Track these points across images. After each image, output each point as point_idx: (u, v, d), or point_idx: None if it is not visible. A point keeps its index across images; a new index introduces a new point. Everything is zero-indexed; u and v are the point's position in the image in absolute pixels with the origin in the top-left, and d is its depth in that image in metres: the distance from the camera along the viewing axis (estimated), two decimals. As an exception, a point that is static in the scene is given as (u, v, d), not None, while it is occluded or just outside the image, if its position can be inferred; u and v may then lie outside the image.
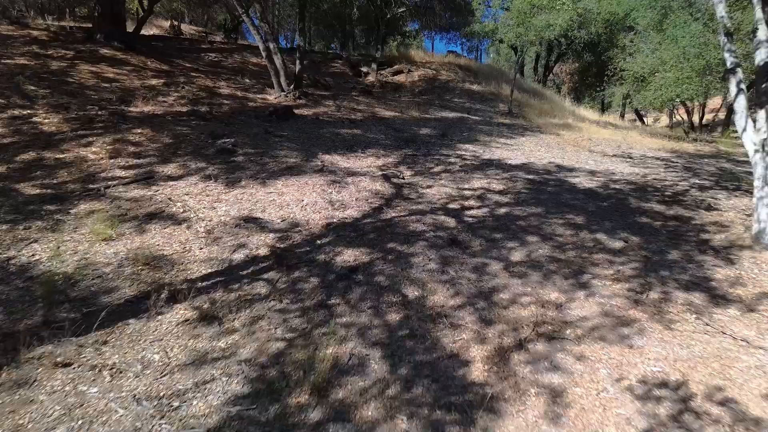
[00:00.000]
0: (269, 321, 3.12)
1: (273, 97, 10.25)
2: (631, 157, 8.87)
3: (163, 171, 5.53)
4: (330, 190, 5.34)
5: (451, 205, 5.19)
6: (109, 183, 5.11)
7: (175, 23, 18.19)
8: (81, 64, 9.97)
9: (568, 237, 4.49)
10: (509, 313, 3.26)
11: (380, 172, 6.16)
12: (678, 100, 10.96)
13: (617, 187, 6.28)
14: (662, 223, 4.89)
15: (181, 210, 4.64)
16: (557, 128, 11.35)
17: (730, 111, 16.89)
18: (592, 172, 7.09)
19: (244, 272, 3.69)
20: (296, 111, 9.27)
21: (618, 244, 4.33)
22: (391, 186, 5.69)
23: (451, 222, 4.72)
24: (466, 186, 5.89)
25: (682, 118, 17.99)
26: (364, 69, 14.71)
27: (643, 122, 24.16)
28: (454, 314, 3.24)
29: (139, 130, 6.74)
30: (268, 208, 4.80)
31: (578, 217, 4.99)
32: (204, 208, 4.72)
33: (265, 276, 3.64)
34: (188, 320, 3.13)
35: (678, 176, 7.15)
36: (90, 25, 12.77)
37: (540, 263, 3.96)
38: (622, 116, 22.93)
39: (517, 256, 4.08)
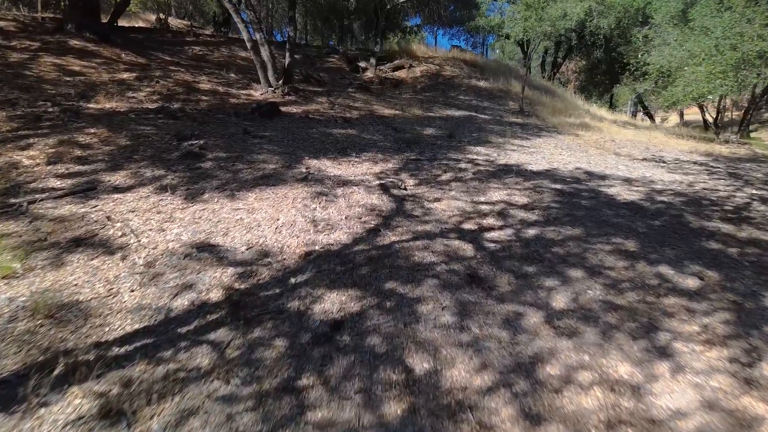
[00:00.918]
0: (205, 420, 2.05)
1: (259, 93, 9.19)
2: (664, 162, 7.81)
3: (109, 180, 4.47)
4: (314, 206, 4.27)
5: (466, 225, 4.13)
6: (37, 196, 4.05)
7: (162, 16, 17.14)
8: (44, 57, 8.91)
9: (622, 271, 3.43)
10: (565, 402, 2.19)
11: (377, 181, 5.10)
12: (710, 96, 9.89)
13: (664, 199, 5.21)
14: (738, 250, 3.83)
15: (120, 233, 3.58)
16: (575, 128, 10.28)
17: (748, 109, 15.80)
18: (628, 180, 6.02)
19: (184, 329, 2.63)
20: (283, 108, 8.21)
21: (692, 282, 3.27)
22: (390, 199, 4.63)
23: (467, 249, 3.66)
24: (483, 199, 4.82)
25: (707, 118, 16.88)
26: (362, 64, 13.65)
27: (653, 121, 23.09)
28: (482, 404, 2.18)
29: (92, 130, 5.68)
30: (233, 230, 3.74)
31: (628, 242, 3.93)
32: (150, 230, 3.66)
33: (213, 336, 2.58)
34: (82, 417, 2.07)
35: (728, 185, 6.08)
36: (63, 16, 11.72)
37: (593, 312, 2.89)
38: (634, 115, 21.83)
39: (560, 300, 3.02)
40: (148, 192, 4.31)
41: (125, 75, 8.83)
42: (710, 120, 18.12)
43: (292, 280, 3.12)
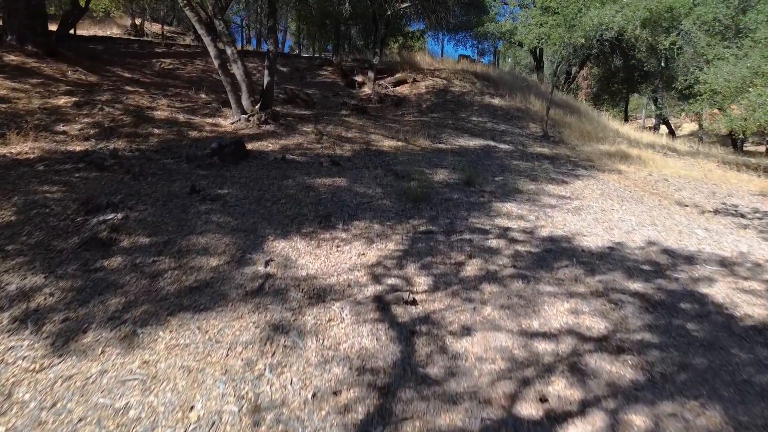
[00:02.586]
0: None
1: (229, 122, 7.46)
2: (742, 215, 6.08)
3: (-66, 307, 2.75)
4: (261, 365, 2.54)
5: (523, 406, 2.39)
6: None
7: (137, 21, 15.44)
8: (-37, 77, 7.23)
9: None
10: None
11: (372, 288, 3.37)
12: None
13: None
14: None
15: None
16: (612, 160, 8.55)
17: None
18: (725, 264, 4.28)
19: None
20: (256, 144, 6.48)
21: None
22: (392, 335, 2.89)
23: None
24: (536, 325, 3.08)
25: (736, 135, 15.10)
26: (359, 78, 11.93)
27: (674, 135, 21.27)
28: None
29: (-37, 197, 3.97)
30: (97, 451, 2.01)
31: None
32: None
33: None
34: None
35: None
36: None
37: None
38: (656, 129, 20.07)
39: None
40: (-8, 333, 2.59)
41: (63, 100, 7.12)
42: (738, 136, 16.32)
43: None
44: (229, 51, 7.66)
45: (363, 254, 3.88)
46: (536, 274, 3.74)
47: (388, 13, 11.38)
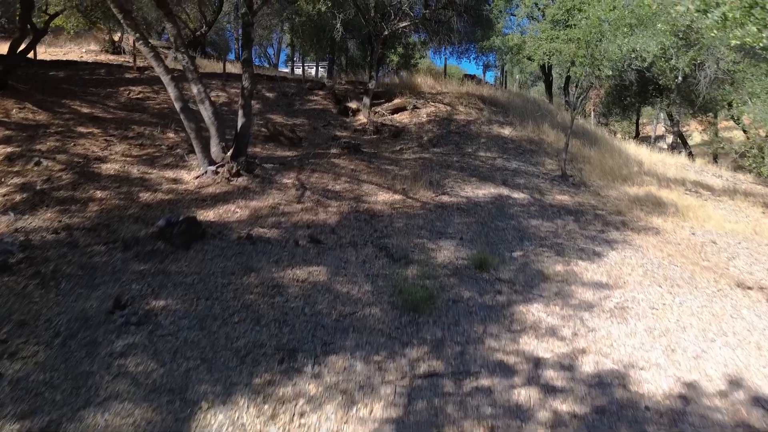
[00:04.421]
0: None
1: (193, 175, 6.28)
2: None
3: None
4: None
5: None
6: None
7: (115, 38, 14.30)
8: None
9: None
10: None
11: None
12: None
13: None
14: None
15: None
16: (644, 210, 7.35)
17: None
18: None
19: None
20: (219, 212, 5.30)
21: None
22: None
23: None
24: None
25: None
26: (353, 105, 10.75)
27: (691, 155, 19.87)
28: None
29: None
30: None
31: None
32: None
33: None
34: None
35: None
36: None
37: None
38: (674, 147, 18.82)
39: None
40: None
41: (-7, 151, 5.96)
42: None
43: None
44: (195, 89, 6.49)
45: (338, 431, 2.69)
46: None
47: (386, 33, 10.21)
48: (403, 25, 10.44)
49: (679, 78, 15.63)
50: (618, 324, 4.05)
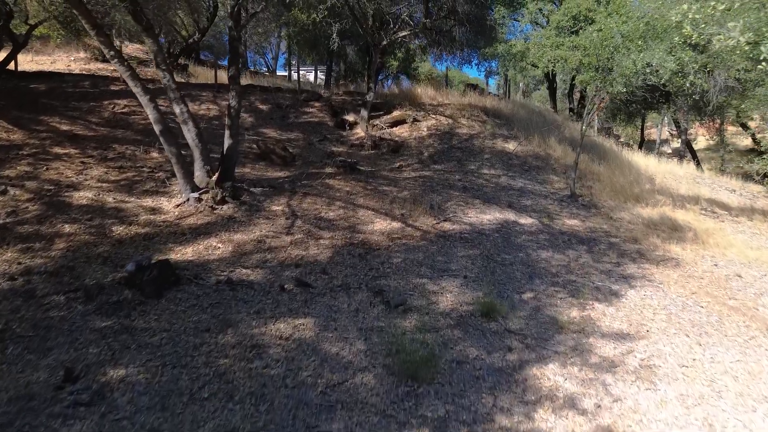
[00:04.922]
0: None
1: (174, 203, 5.79)
2: None
3: None
4: None
5: None
6: None
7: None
8: None
9: None
10: None
11: None
12: None
13: None
14: None
15: None
16: (661, 236, 6.85)
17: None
18: None
19: None
20: (198, 248, 4.81)
21: None
22: None
23: None
24: None
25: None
26: (350, 118, 10.27)
27: (699, 164, 19.33)
28: None
29: None
30: None
31: None
32: None
33: None
34: None
35: None
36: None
37: None
38: (683, 156, 18.31)
39: None
40: None
41: (-44, 179, 5.49)
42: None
43: None
44: (177, 109, 6.01)
45: None
46: None
47: (384, 42, 9.73)
48: (403, 34, 9.96)
49: (696, 96, 15.10)
50: (646, 390, 3.55)
